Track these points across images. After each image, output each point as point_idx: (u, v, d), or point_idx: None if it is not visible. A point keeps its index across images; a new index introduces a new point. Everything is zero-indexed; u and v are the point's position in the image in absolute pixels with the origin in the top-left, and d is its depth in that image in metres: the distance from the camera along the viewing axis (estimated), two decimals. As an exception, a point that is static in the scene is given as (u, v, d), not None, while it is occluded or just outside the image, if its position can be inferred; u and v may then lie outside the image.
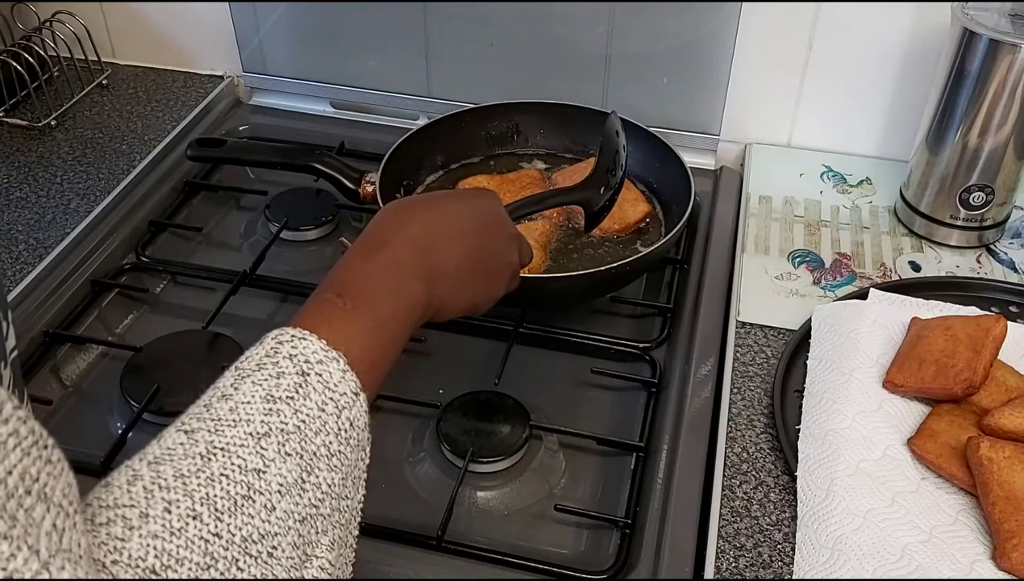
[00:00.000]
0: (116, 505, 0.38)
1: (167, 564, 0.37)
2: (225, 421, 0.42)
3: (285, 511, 0.41)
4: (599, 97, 1.00)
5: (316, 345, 0.45)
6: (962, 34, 0.78)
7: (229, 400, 0.43)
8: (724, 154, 1.01)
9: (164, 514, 0.38)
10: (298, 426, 0.42)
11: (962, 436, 0.63)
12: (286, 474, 0.41)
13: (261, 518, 0.40)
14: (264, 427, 0.42)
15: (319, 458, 0.43)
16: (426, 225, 0.55)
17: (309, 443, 0.43)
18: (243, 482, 0.40)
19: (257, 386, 0.43)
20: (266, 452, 0.41)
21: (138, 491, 0.39)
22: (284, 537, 0.41)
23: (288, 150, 0.94)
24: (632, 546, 0.65)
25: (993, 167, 0.82)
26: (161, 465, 0.40)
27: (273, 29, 1.07)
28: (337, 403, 0.44)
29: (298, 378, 0.44)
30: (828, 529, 0.60)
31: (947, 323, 0.70)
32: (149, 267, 0.89)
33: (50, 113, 1.04)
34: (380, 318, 0.49)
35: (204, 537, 0.38)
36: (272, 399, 0.43)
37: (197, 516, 0.39)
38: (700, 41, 0.94)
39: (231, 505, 0.39)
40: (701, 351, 0.77)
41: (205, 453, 0.41)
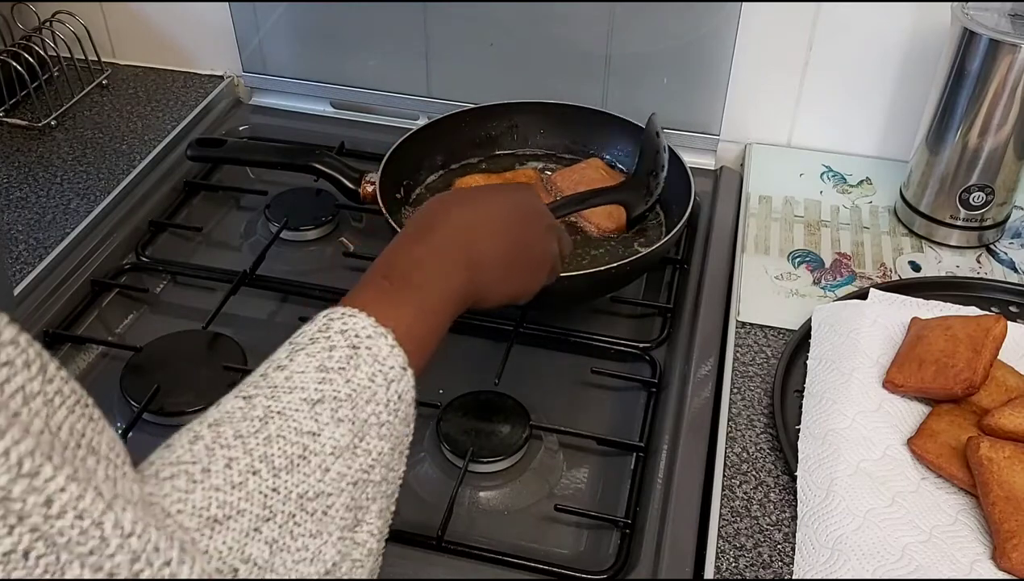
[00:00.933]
0: (179, 462, 0.41)
1: (228, 514, 0.39)
2: (281, 388, 0.44)
3: (338, 473, 0.43)
4: (599, 97, 1.00)
5: (366, 321, 0.47)
6: (962, 34, 0.78)
7: (284, 370, 0.45)
8: (724, 154, 1.01)
9: (225, 469, 0.40)
10: (349, 394, 0.45)
11: (962, 436, 0.63)
12: (339, 438, 0.43)
13: (316, 478, 0.42)
14: (318, 394, 0.44)
15: (369, 426, 0.45)
16: (469, 217, 0.58)
17: (360, 411, 0.45)
18: (299, 443, 0.42)
19: (310, 358, 0.45)
20: (320, 417, 0.43)
21: (200, 449, 0.41)
22: (338, 498, 0.43)
23: (288, 150, 0.94)
24: (632, 546, 0.65)
25: (993, 167, 0.82)
26: (221, 426, 0.42)
27: (273, 29, 1.07)
28: (386, 376, 0.46)
29: (349, 350, 0.46)
30: (828, 529, 0.60)
31: (947, 323, 0.70)
32: (149, 267, 0.89)
33: (50, 113, 1.04)
34: (425, 301, 0.52)
35: (263, 491, 0.40)
36: (325, 369, 0.45)
37: (256, 472, 0.41)
38: (700, 41, 0.94)
39: (288, 463, 0.42)
40: (701, 351, 0.77)
41: (263, 416, 0.43)
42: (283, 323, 0.85)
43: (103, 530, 0.32)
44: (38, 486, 0.31)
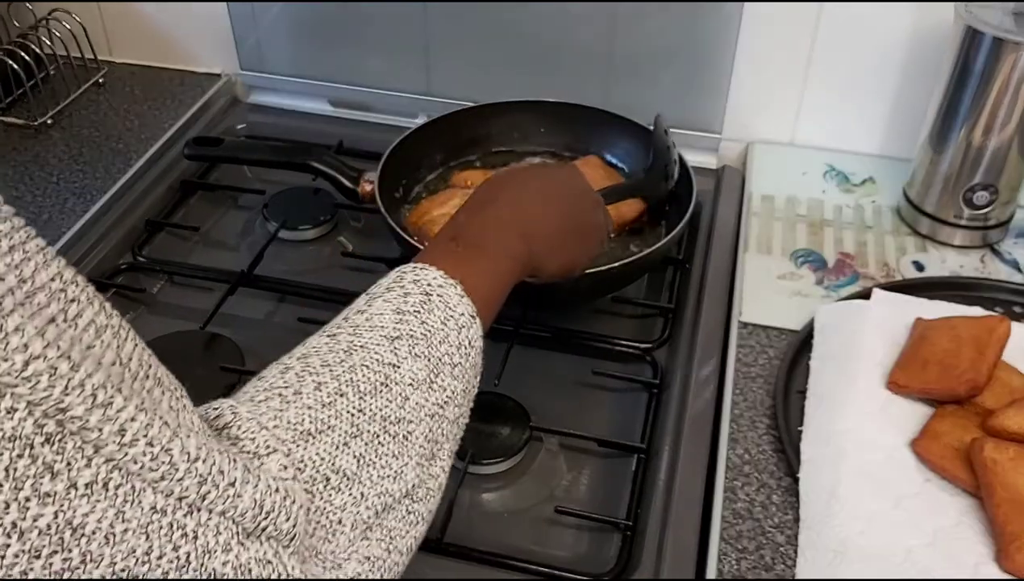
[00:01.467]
0: (271, 387, 0.44)
1: (320, 428, 0.43)
2: (362, 327, 0.48)
3: (417, 403, 0.46)
4: (600, 96, 0.99)
5: (436, 273, 0.51)
6: (965, 32, 0.78)
7: (364, 313, 0.49)
8: (726, 153, 1.01)
9: (315, 391, 0.44)
10: (424, 334, 0.48)
11: (966, 437, 0.63)
12: (416, 371, 0.47)
13: (397, 404, 0.46)
14: (396, 332, 0.48)
15: (443, 364, 0.48)
16: (525, 191, 0.63)
17: (435, 349, 0.48)
18: (381, 372, 0.46)
19: (387, 302, 0.49)
20: (399, 350, 0.47)
21: (291, 376, 0.45)
22: (417, 426, 0.46)
23: (286, 149, 0.94)
24: (633, 548, 0.64)
25: (997, 166, 0.81)
26: (309, 358, 0.46)
27: (271, 27, 1.07)
28: (457, 321, 0.50)
29: (422, 296, 0.49)
30: (831, 531, 0.60)
31: (951, 324, 0.70)
32: (146, 267, 0.89)
33: (46, 112, 1.04)
34: (489, 263, 0.56)
35: (350, 411, 0.44)
36: (401, 311, 0.49)
37: (343, 394, 0.44)
38: (702, 39, 0.94)
39: (372, 389, 0.45)
40: (703, 352, 0.77)
41: (347, 348, 0.47)
42: (281, 323, 0.84)
43: (172, 456, 0.34)
44: (111, 416, 0.32)
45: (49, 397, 0.30)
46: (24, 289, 0.30)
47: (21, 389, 0.30)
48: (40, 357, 0.30)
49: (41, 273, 0.32)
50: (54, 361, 0.30)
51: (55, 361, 0.30)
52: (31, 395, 0.30)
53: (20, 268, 0.31)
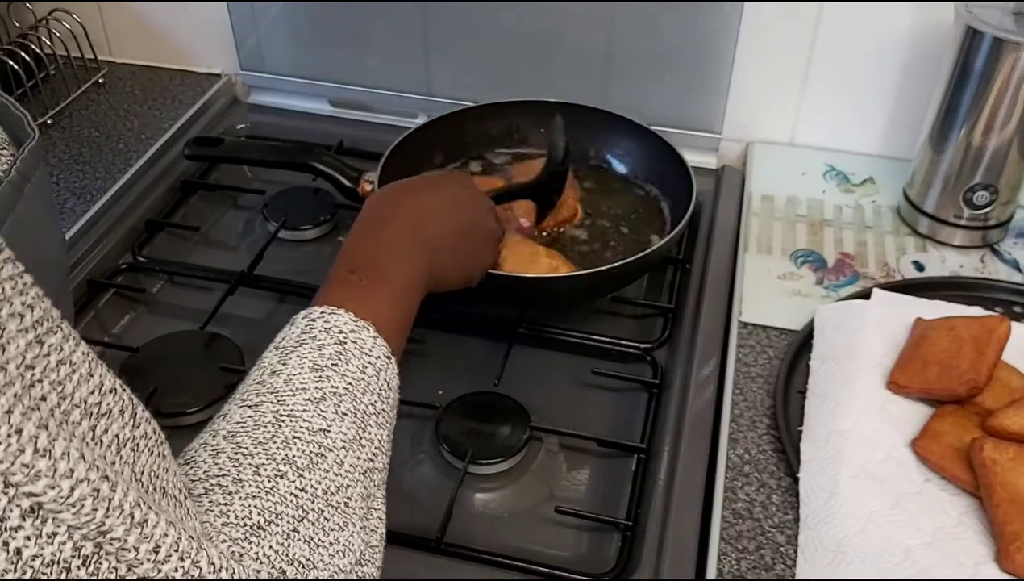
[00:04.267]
0: (208, 477, 0.42)
1: (269, 519, 0.41)
2: (283, 392, 0.46)
3: (351, 464, 0.45)
4: (600, 96, 0.99)
5: (345, 317, 0.49)
6: (965, 32, 0.78)
7: (281, 375, 0.47)
8: (726, 153, 1.01)
9: (255, 477, 0.42)
10: (347, 388, 0.47)
11: (966, 437, 0.63)
12: (346, 431, 0.46)
13: (335, 472, 0.44)
14: (319, 392, 0.46)
15: (369, 415, 0.47)
16: (419, 204, 0.61)
17: (359, 402, 0.47)
18: (313, 441, 0.44)
19: (303, 359, 0.47)
20: (326, 413, 0.45)
21: (224, 461, 0.43)
22: (354, 488, 0.45)
23: (286, 149, 0.94)
24: (633, 548, 0.64)
25: (997, 166, 0.81)
26: (238, 437, 0.44)
27: (271, 27, 1.06)
28: (375, 366, 0.48)
29: (337, 347, 0.48)
30: (831, 531, 0.60)
31: (951, 324, 0.70)
32: (146, 267, 0.89)
33: (46, 112, 1.04)
34: (394, 289, 0.55)
35: (293, 492, 0.42)
36: (319, 367, 0.47)
37: (283, 475, 0.43)
38: (702, 39, 0.94)
39: (308, 462, 0.43)
40: (703, 352, 0.77)
41: (274, 421, 0.44)
42: (281, 323, 0.83)
43: (200, 569, 0.34)
44: (147, 533, 0.32)
45: (92, 520, 0.30)
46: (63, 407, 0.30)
47: (65, 515, 0.29)
48: (84, 480, 0.29)
49: (82, 387, 0.31)
50: (96, 483, 0.30)
51: (97, 483, 0.30)
52: (74, 520, 0.29)
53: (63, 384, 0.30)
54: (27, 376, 0.28)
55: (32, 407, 0.28)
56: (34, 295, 0.29)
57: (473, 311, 0.81)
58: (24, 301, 0.29)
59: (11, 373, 0.28)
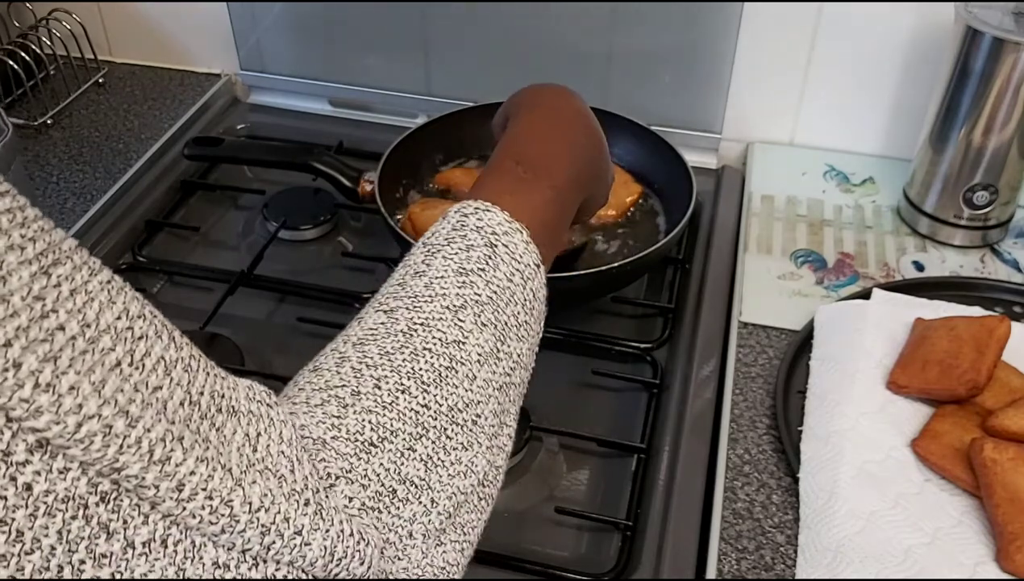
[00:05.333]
0: (328, 387, 0.40)
1: (383, 436, 0.39)
2: (422, 297, 0.43)
3: (485, 379, 0.43)
4: (600, 96, 0.99)
5: (500, 216, 0.46)
6: (965, 32, 0.78)
7: (423, 276, 0.44)
8: (726, 153, 1.01)
9: (375, 390, 0.40)
10: (490, 297, 0.44)
11: (966, 437, 0.63)
12: (483, 343, 0.43)
13: (464, 387, 0.42)
14: (460, 299, 0.43)
15: (510, 327, 0.44)
16: (585, 114, 0.58)
17: (501, 313, 0.44)
18: (445, 354, 0.42)
19: (448, 260, 0.44)
20: (463, 324, 0.43)
21: (347, 371, 0.41)
22: (486, 405, 0.42)
23: (286, 149, 0.94)
24: (633, 548, 0.64)
25: (997, 166, 0.81)
26: (366, 345, 0.42)
27: (271, 27, 1.06)
28: (523, 274, 0.45)
29: (487, 250, 0.45)
30: (831, 531, 0.60)
31: (951, 324, 0.70)
32: (146, 267, 0.89)
33: (46, 112, 1.04)
34: (558, 189, 0.51)
35: (414, 409, 0.40)
36: (464, 272, 0.44)
37: (405, 390, 0.40)
38: (702, 39, 0.94)
39: (436, 377, 0.41)
40: (703, 352, 0.77)
41: (406, 330, 0.42)
42: (281, 323, 0.84)
43: (232, 508, 0.32)
44: (169, 471, 0.30)
45: (103, 457, 0.29)
46: (87, 334, 0.29)
47: (74, 451, 0.28)
48: (95, 416, 0.28)
49: (106, 313, 0.30)
50: (109, 419, 0.29)
51: (111, 419, 0.29)
52: (84, 456, 0.28)
53: (83, 312, 0.29)
54: (36, 307, 0.27)
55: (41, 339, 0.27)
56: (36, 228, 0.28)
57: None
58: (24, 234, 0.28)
59: (14, 305, 0.27)
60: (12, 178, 0.43)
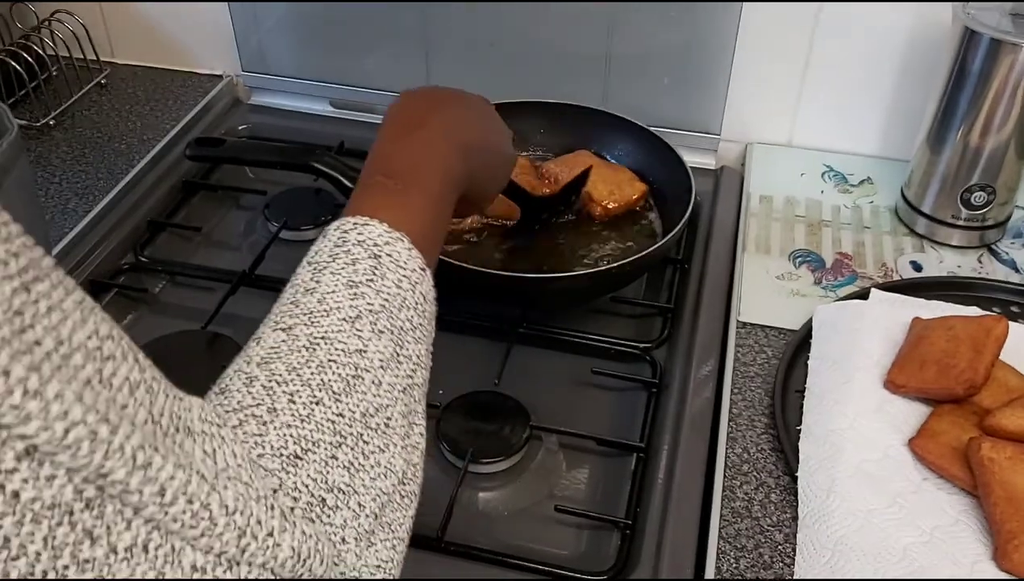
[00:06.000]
0: (241, 407, 0.41)
1: (306, 448, 0.40)
2: (317, 313, 0.44)
3: (390, 383, 0.44)
4: (599, 97, 0.99)
5: (379, 228, 0.47)
6: (963, 33, 0.78)
7: (314, 293, 0.45)
8: (725, 154, 1.01)
9: (289, 405, 0.41)
10: (383, 304, 0.45)
11: (963, 437, 0.63)
12: (383, 350, 0.44)
13: (372, 392, 0.43)
14: (354, 311, 0.44)
15: (406, 331, 0.46)
16: (450, 109, 0.59)
17: (395, 319, 0.45)
18: (349, 363, 0.43)
19: (336, 275, 0.46)
20: (362, 333, 0.44)
21: (258, 390, 0.42)
22: (394, 407, 0.44)
23: (287, 150, 0.93)
24: (632, 547, 0.64)
25: (994, 167, 0.82)
26: (271, 363, 0.43)
27: (272, 28, 1.07)
28: (410, 279, 0.47)
29: (372, 261, 0.46)
30: (829, 530, 0.60)
31: (949, 323, 0.70)
32: (148, 267, 0.89)
33: (49, 112, 1.04)
34: (430, 192, 0.53)
35: (330, 418, 0.41)
36: (354, 284, 0.45)
37: (319, 401, 0.42)
38: (701, 40, 0.94)
39: (345, 386, 0.42)
40: (702, 351, 0.77)
41: (308, 345, 0.43)
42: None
43: (211, 511, 0.33)
44: (152, 476, 0.31)
45: (90, 463, 0.29)
46: (61, 351, 0.29)
47: (62, 457, 0.29)
48: (80, 423, 0.29)
49: (78, 332, 0.30)
50: (94, 426, 0.29)
51: (95, 426, 0.29)
52: (72, 462, 0.29)
53: (58, 330, 0.29)
54: (16, 322, 0.28)
55: (23, 351, 0.28)
56: (20, 244, 0.29)
57: (473, 311, 0.81)
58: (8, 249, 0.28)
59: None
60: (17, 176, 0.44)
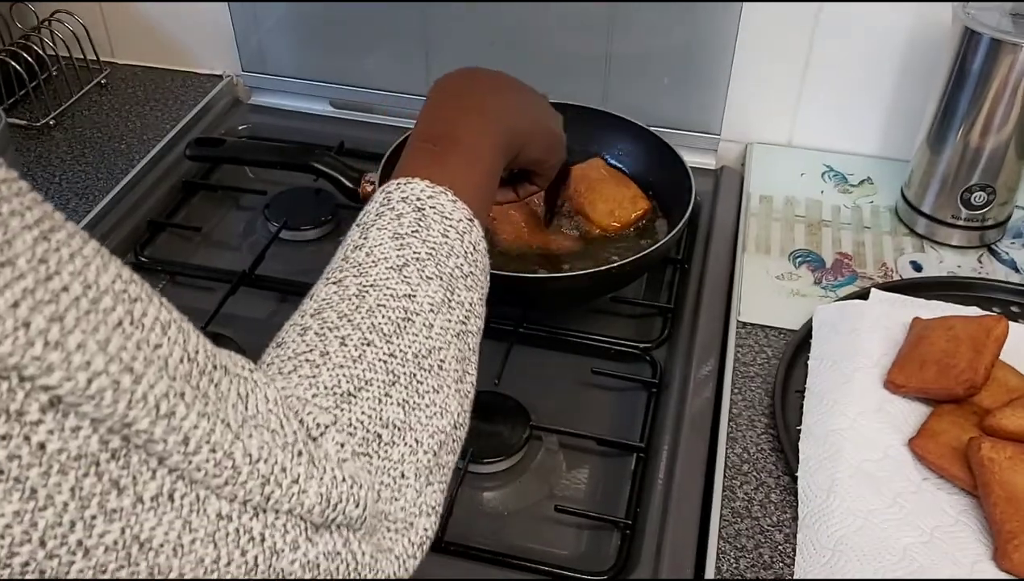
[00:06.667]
0: (295, 355, 0.43)
1: (359, 386, 0.41)
2: (365, 264, 0.46)
3: (442, 327, 0.45)
4: (599, 97, 0.99)
5: (421, 184, 0.48)
6: (963, 33, 0.78)
7: (362, 249, 0.47)
8: (725, 154, 1.01)
9: (341, 348, 0.42)
10: (429, 253, 0.46)
11: (963, 437, 0.63)
12: (432, 295, 0.45)
13: (424, 335, 0.44)
14: (401, 259, 0.45)
15: (456, 278, 0.47)
16: (494, 78, 0.62)
17: (443, 266, 0.46)
18: (399, 307, 0.44)
19: (382, 230, 0.47)
20: (410, 279, 0.45)
21: (311, 338, 0.43)
22: (447, 351, 0.45)
23: (287, 150, 0.94)
24: (632, 547, 0.64)
25: (994, 167, 0.82)
26: (323, 313, 0.44)
27: (272, 28, 1.07)
28: (457, 229, 0.48)
29: (416, 214, 0.47)
30: (829, 530, 0.60)
31: (948, 323, 0.70)
32: (148, 267, 0.89)
33: (49, 113, 1.04)
34: (472, 151, 0.53)
35: (382, 359, 0.42)
36: (399, 236, 0.46)
37: (370, 343, 0.43)
38: (701, 40, 0.94)
39: (396, 328, 0.43)
40: (702, 351, 0.77)
41: (357, 293, 0.44)
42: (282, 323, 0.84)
43: (234, 460, 0.33)
44: (176, 425, 0.31)
45: (114, 413, 0.30)
46: (90, 295, 0.30)
47: (86, 407, 0.29)
48: (103, 373, 0.29)
49: (103, 276, 0.31)
50: (116, 375, 0.30)
51: (117, 375, 0.30)
52: (96, 412, 0.29)
53: (83, 274, 0.30)
54: (41, 270, 0.28)
55: (48, 300, 0.28)
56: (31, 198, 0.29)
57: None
58: (23, 201, 0.28)
59: (20, 267, 0.27)
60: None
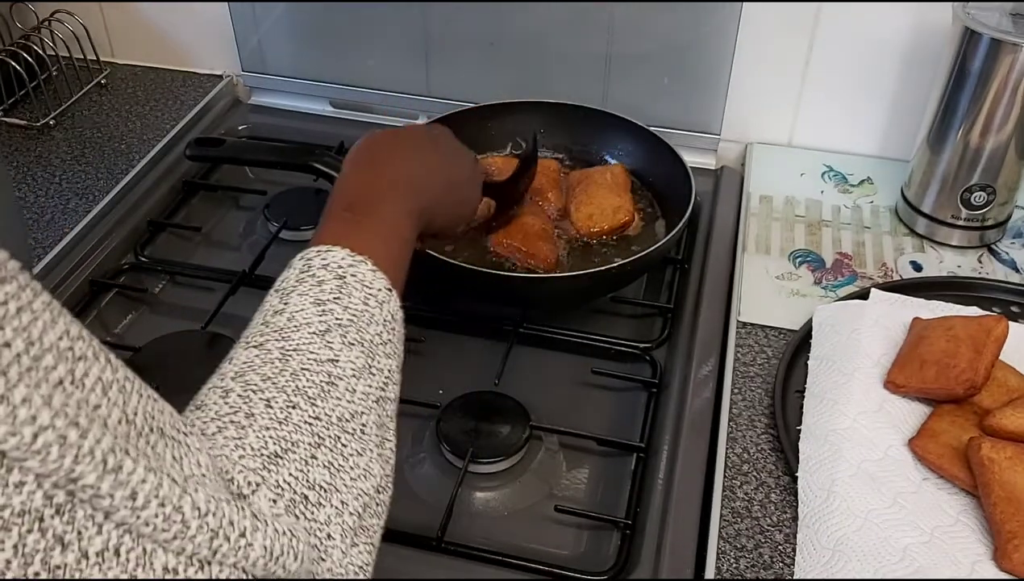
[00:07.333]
0: (219, 416, 0.42)
1: (285, 447, 0.41)
2: (287, 329, 0.46)
3: (364, 392, 0.45)
4: (599, 97, 0.99)
5: (342, 253, 0.49)
6: (963, 34, 0.78)
7: (283, 314, 0.47)
8: (725, 154, 1.01)
9: (267, 410, 0.42)
10: (351, 319, 0.47)
11: (963, 437, 0.63)
12: (355, 360, 0.46)
13: (347, 399, 0.45)
14: (323, 325, 0.46)
15: (376, 346, 0.47)
16: (412, 147, 0.63)
17: (365, 332, 0.47)
18: (322, 371, 0.44)
19: (304, 296, 0.47)
20: (332, 344, 0.46)
21: (234, 400, 0.43)
22: (369, 416, 0.45)
23: (287, 150, 0.93)
24: (632, 547, 0.64)
25: (994, 167, 0.82)
26: (245, 375, 0.44)
27: (272, 28, 1.07)
28: (376, 298, 0.49)
29: (337, 281, 0.48)
30: (829, 530, 0.60)
31: (948, 323, 0.70)
32: (148, 267, 0.89)
33: (49, 113, 1.04)
34: (389, 225, 0.55)
35: (307, 421, 0.43)
36: (321, 302, 0.47)
37: (295, 405, 0.43)
38: (701, 41, 0.94)
39: (320, 391, 0.44)
40: (702, 351, 0.77)
41: (281, 357, 0.45)
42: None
43: (183, 513, 0.33)
44: (123, 480, 0.31)
45: (59, 468, 0.29)
46: (32, 352, 0.29)
47: (31, 463, 0.29)
48: (49, 427, 0.29)
49: (48, 333, 0.30)
50: (63, 430, 0.29)
51: (64, 430, 0.29)
52: (41, 468, 0.29)
53: (28, 330, 0.29)
54: None
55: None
56: None
57: (473, 311, 0.81)
58: None
59: None
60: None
